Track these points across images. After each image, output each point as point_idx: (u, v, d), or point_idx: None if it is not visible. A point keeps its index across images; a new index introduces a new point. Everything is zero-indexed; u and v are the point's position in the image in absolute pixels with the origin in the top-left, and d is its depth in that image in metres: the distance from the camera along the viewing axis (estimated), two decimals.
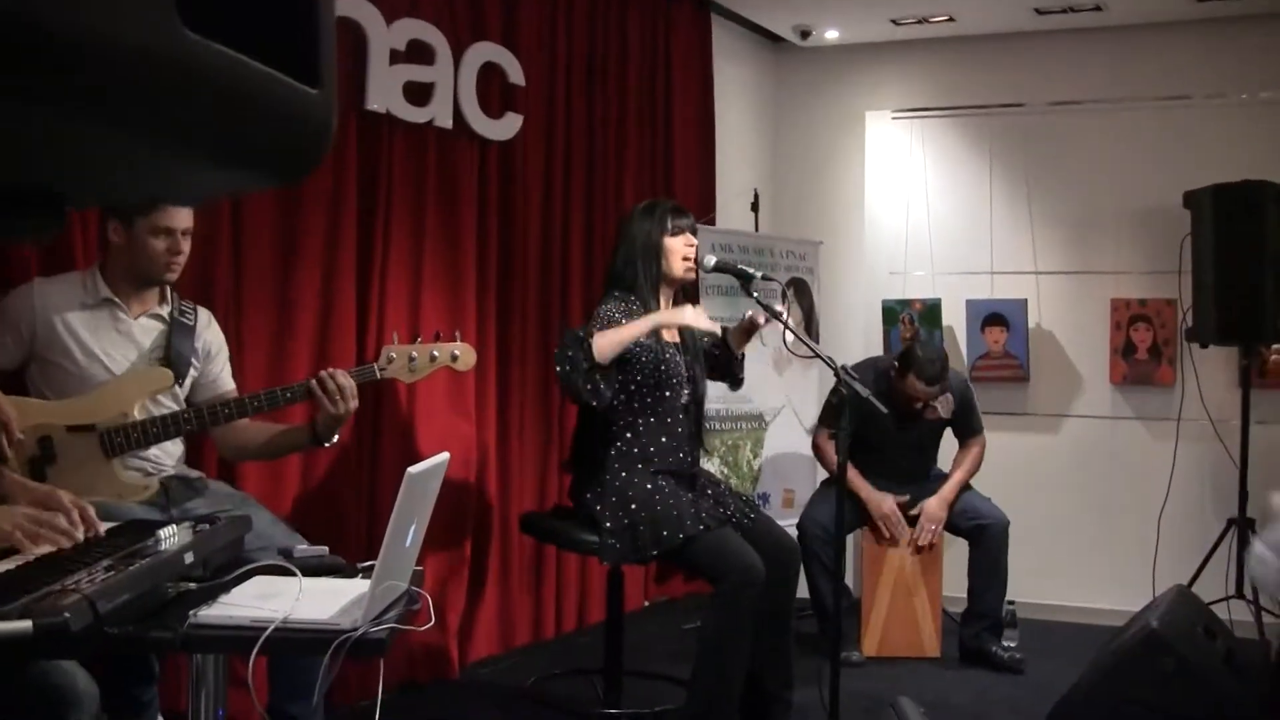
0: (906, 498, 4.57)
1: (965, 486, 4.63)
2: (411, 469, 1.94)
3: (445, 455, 2.20)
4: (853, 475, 4.48)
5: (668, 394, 3.49)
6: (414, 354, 3.09)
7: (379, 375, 3.05)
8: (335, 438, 3.00)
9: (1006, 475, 5.16)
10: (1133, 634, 3.41)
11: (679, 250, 3.52)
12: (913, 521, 4.57)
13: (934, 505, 4.54)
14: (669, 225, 3.52)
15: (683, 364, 3.56)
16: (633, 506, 3.37)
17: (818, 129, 6.04)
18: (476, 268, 4.23)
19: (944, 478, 4.63)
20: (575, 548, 3.62)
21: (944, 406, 4.59)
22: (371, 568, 1.96)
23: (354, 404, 2.93)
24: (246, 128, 0.82)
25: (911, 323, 5.61)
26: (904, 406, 4.45)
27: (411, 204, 4.00)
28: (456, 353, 3.16)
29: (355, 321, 3.81)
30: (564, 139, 4.64)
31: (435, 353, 3.11)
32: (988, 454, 4.71)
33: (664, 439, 3.49)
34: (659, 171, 5.17)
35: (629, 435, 3.47)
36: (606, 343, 3.28)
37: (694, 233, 3.58)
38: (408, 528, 2.01)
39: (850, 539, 4.86)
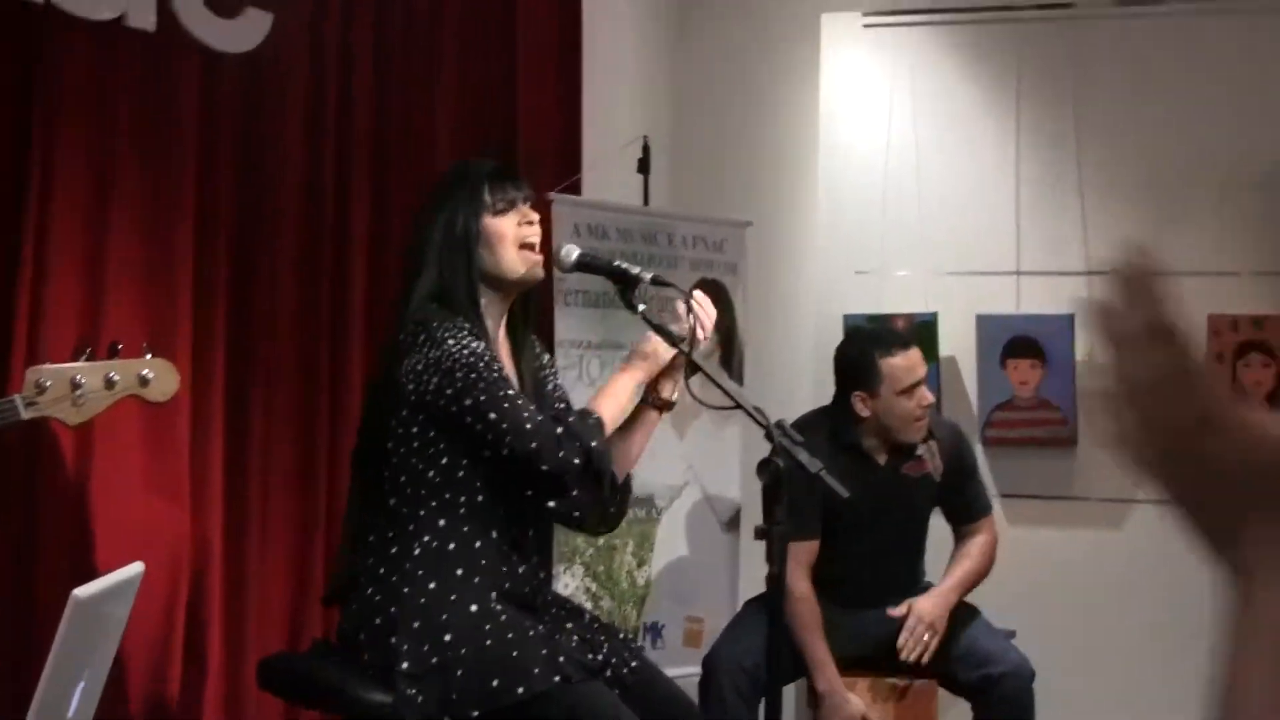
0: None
1: (973, 613, 4.74)
2: (79, 591, 1.96)
3: (138, 567, 2.22)
4: (805, 613, 4.56)
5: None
6: (80, 377, 3.09)
7: (23, 414, 3.05)
8: None
9: (1038, 594, 5.24)
10: None
11: (509, 234, 3.55)
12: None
13: (928, 604, 4.66)
14: (487, 199, 3.55)
15: None
16: (446, 638, 3.38)
17: (745, 43, 6.15)
18: (195, 248, 4.26)
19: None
20: (350, 710, 3.57)
21: (931, 456, 4.73)
22: None
23: None
24: None
25: None
26: (881, 448, 4.66)
27: (87, 150, 4.01)
28: (147, 374, 3.15)
29: None
30: (340, 52, 4.70)
31: (113, 374, 3.11)
32: (1008, 560, 4.83)
33: (495, 534, 3.52)
34: (493, 106, 5.26)
35: (442, 524, 3.49)
36: (610, 420, 3.52)
37: (536, 205, 3.61)
38: (71, 687, 2.01)
39: (790, 692, 4.92)
